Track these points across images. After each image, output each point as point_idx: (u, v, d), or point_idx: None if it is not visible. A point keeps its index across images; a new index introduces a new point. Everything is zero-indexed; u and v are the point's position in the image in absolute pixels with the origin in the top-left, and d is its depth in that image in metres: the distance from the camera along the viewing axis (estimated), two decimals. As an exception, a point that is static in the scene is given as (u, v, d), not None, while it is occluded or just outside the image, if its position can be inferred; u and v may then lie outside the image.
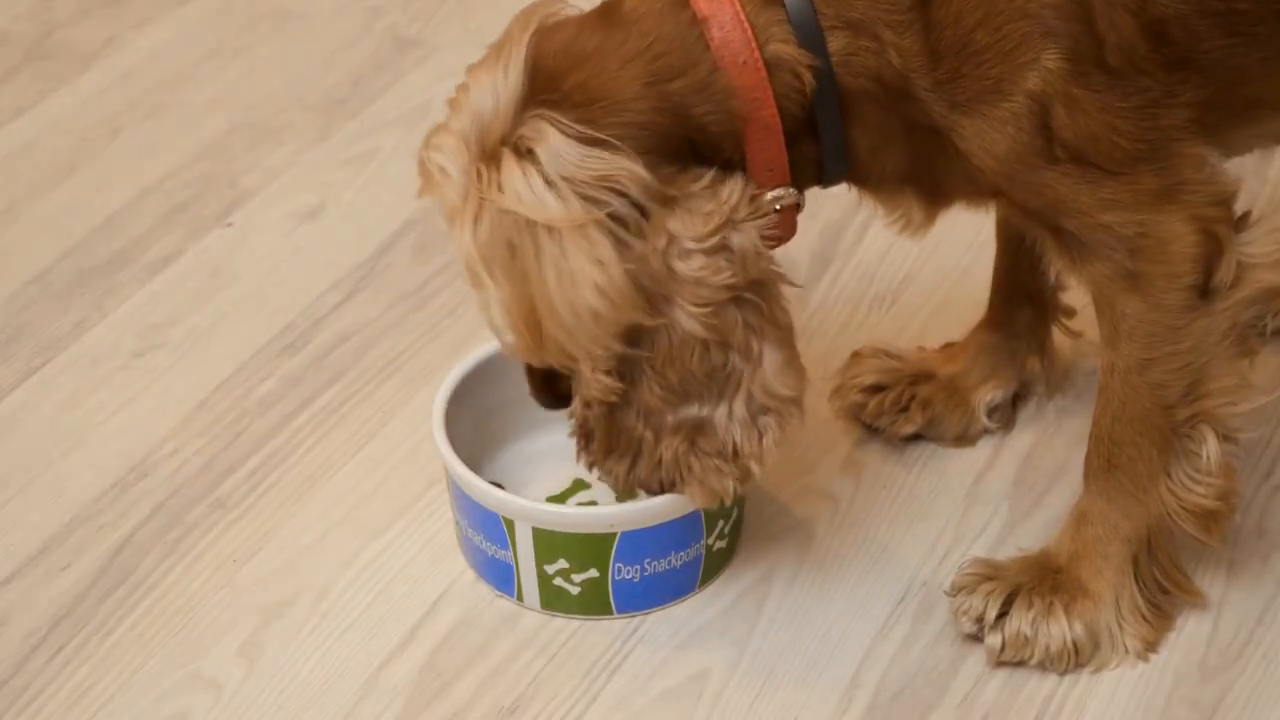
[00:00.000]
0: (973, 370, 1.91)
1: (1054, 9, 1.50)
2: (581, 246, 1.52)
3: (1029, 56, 1.51)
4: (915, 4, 1.52)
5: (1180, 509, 1.66)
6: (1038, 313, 1.90)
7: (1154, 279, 1.57)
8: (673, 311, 1.56)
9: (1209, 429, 1.63)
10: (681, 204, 1.55)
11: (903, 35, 1.53)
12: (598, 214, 1.51)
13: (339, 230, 2.23)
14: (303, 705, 1.69)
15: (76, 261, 2.19)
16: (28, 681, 1.71)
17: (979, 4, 1.51)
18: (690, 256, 1.55)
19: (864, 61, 1.55)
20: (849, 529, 1.83)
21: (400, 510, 1.87)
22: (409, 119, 2.40)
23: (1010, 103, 1.52)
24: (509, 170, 1.52)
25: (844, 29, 1.55)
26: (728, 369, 1.59)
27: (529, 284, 1.54)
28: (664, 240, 1.54)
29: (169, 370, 2.04)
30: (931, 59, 1.53)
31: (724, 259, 1.55)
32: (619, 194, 1.52)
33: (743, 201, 1.57)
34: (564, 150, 1.51)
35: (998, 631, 1.69)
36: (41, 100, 2.45)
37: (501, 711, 1.68)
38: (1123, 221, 1.56)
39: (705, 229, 1.55)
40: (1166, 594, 1.71)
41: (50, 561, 1.83)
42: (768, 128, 1.57)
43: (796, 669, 1.71)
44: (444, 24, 2.58)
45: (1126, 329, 1.60)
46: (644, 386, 1.59)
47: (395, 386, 2.01)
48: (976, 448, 1.91)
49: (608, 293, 1.53)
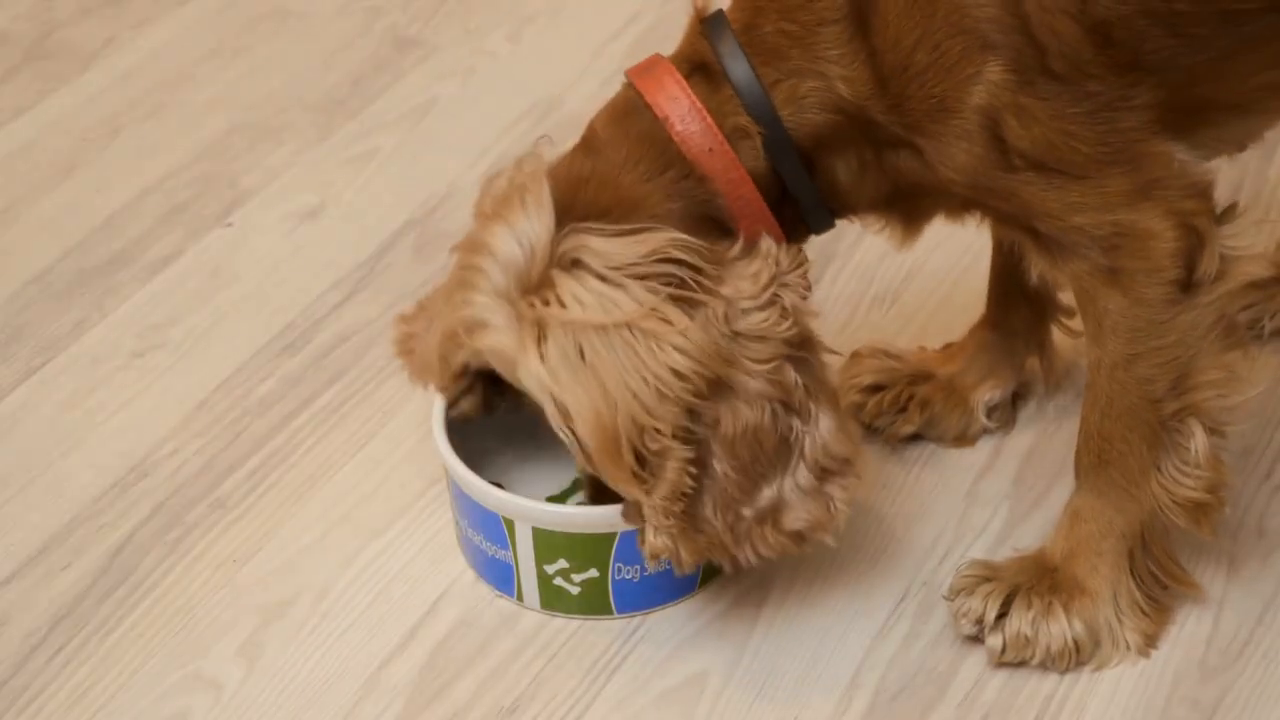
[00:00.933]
0: (971, 369, 1.91)
1: (990, 22, 1.50)
2: (652, 323, 1.54)
3: (970, 71, 1.52)
4: (852, 35, 1.54)
5: (1171, 502, 1.66)
6: (1035, 312, 1.90)
7: (1134, 275, 1.58)
8: (736, 378, 1.57)
9: (1196, 422, 1.63)
10: (725, 270, 1.58)
11: (847, 66, 1.55)
12: (658, 293, 1.54)
13: (339, 230, 2.23)
14: (303, 705, 1.69)
15: (76, 261, 2.19)
16: (28, 681, 1.72)
17: (915, 25, 1.52)
18: (749, 314, 1.57)
19: (816, 99, 1.58)
20: (849, 529, 1.83)
21: (400, 510, 1.87)
22: (409, 119, 2.40)
23: (959, 119, 1.53)
24: (563, 284, 1.55)
25: (786, 80, 1.58)
26: (793, 435, 1.60)
27: (602, 383, 1.55)
28: (721, 305, 1.57)
29: (169, 370, 2.04)
30: (879, 84, 1.55)
31: (778, 312, 1.58)
32: (673, 262, 1.56)
33: (783, 255, 1.60)
34: (607, 247, 1.55)
35: (998, 633, 1.69)
36: (41, 100, 2.45)
37: (501, 711, 1.68)
38: (1095, 223, 1.56)
39: (757, 287, 1.58)
40: (1164, 587, 1.72)
41: (50, 561, 1.83)
42: (750, 203, 1.61)
43: (796, 669, 1.71)
44: (444, 24, 2.58)
45: (1110, 325, 1.60)
46: (716, 472, 1.58)
47: (395, 386, 2.00)
48: (976, 447, 1.91)
49: (688, 350, 1.55)
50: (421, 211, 2.25)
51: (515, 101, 2.42)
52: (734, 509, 1.59)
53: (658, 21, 2.55)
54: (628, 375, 1.55)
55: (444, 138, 2.37)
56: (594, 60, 2.49)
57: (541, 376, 1.56)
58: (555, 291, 1.55)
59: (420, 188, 2.29)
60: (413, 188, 2.29)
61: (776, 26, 1.58)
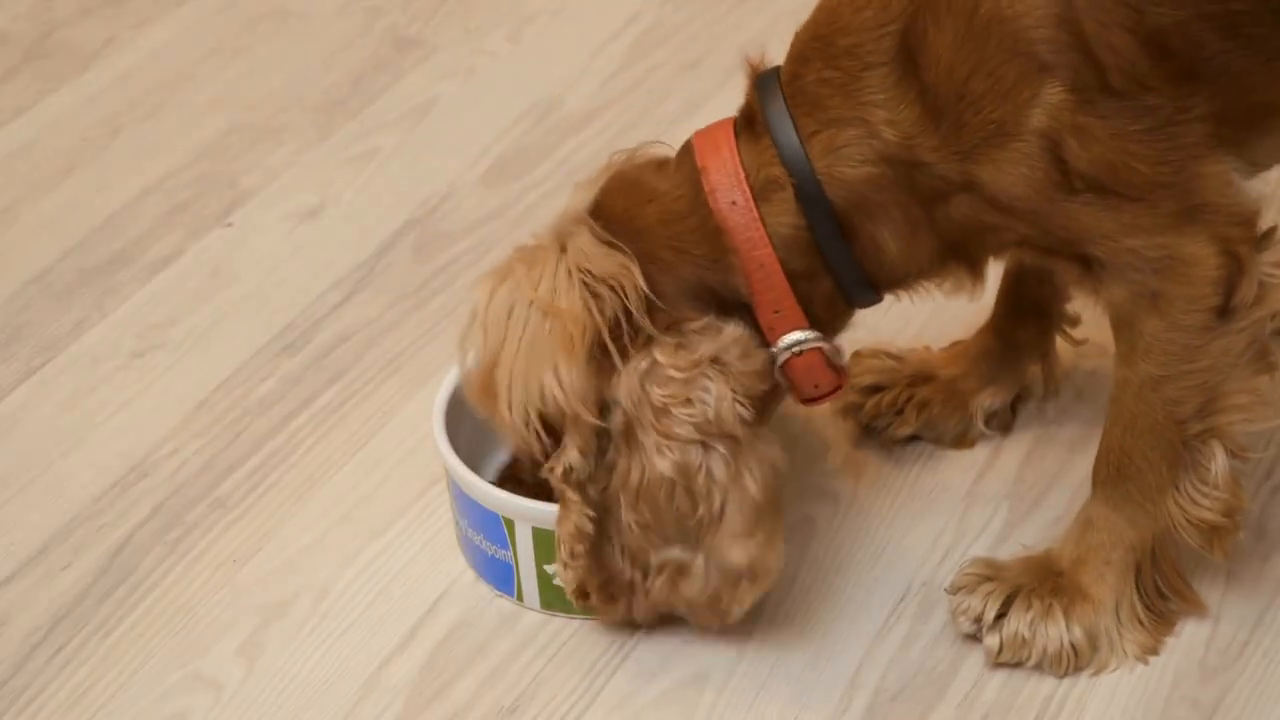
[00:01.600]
0: (973, 375, 1.91)
1: (1046, 43, 1.49)
2: (562, 333, 1.58)
3: (1028, 94, 1.50)
4: (902, 76, 1.53)
5: (1186, 521, 1.65)
6: (1043, 326, 1.90)
7: (1174, 300, 1.57)
8: (645, 439, 1.58)
9: (1219, 444, 1.63)
10: (676, 334, 1.59)
11: (894, 109, 1.54)
12: (591, 312, 1.57)
13: (339, 230, 2.23)
14: (303, 705, 1.69)
15: (76, 261, 2.19)
16: (28, 681, 1.72)
17: (968, 54, 1.51)
18: (665, 384, 1.58)
19: (855, 150, 1.56)
20: (849, 529, 1.83)
21: (400, 510, 1.87)
22: (409, 119, 2.40)
23: (1019, 143, 1.52)
24: (543, 256, 1.61)
25: (823, 130, 1.57)
26: (697, 517, 1.60)
27: (506, 346, 1.60)
28: (647, 362, 1.58)
29: (169, 370, 2.04)
30: (933, 118, 1.53)
31: (695, 395, 1.57)
32: (616, 294, 1.58)
33: (736, 346, 1.59)
34: (586, 246, 1.59)
35: (996, 632, 1.69)
36: (41, 100, 2.45)
37: (501, 711, 1.68)
38: (1147, 245, 1.55)
39: (687, 360, 1.57)
40: (1167, 602, 1.71)
41: (50, 561, 1.83)
42: (764, 266, 1.60)
43: (796, 669, 1.71)
44: (444, 24, 2.58)
45: (1144, 347, 1.60)
46: (621, 521, 1.61)
47: (395, 386, 2.01)
48: (977, 447, 1.91)
49: (563, 383, 1.58)
50: (421, 211, 2.25)
51: (515, 101, 2.42)
52: (642, 558, 1.63)
53: (658, 21, 2.55)
54: (521, 360, 1.59)
55: (444, 138, 2.37)
56: (594, 60, 2.49)
57: (477, 308, 1.63)
58: (532, 257, 1.62)
59: (420, 188, 2.29)
60: (413, 188, 2.29)
61: (818, 75, 1.57)
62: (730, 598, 1.62)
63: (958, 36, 1.51)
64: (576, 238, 1.61)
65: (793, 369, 1.65)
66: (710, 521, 1.59)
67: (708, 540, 1.60)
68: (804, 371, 1.65)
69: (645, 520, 1.61)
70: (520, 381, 1.60)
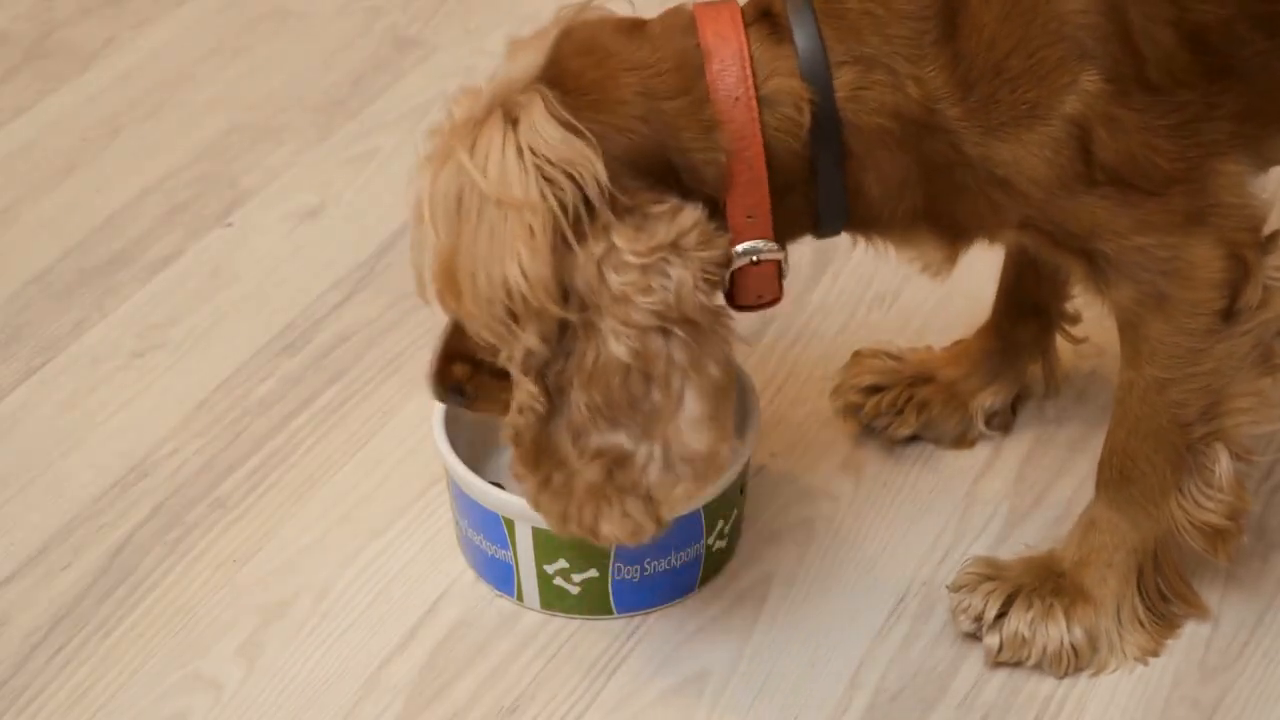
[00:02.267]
0: (973, 376, 1.90)
1: (1090, 29, 1.48)
2: (520, 223, 1.50)
3: (1066, 79, 1.49)
4: (940, 37, 1.50)
5: (1189, 524, 1.65)
6: (1042, 325, 1.90)
7: (1179, 303, 1.56)
8: (601, 324, 1.52)
9: (1223, 447, 1.63)
10: (635, 218, 1.52)
11: (923, 67, 1.51)
12: (548, 200, 1.50)
13: (339, 230, 2.23)
14: (303, 705, 1.69)
15: (76, 261, 2.19)
16: (28, 681, 1.72)
17: (1012, 30, 1.49)
18: (624, 270, 1.51)
19: (877, 96, 1.53)
20: (849, 529, 1.83)
21: (400, 510, 1.87)
22: (409, 119, 2.40)
23: (1048, 127, 1.50)
24: (487, 132, 1.52)
25: (853, 64, 1.53)
26: (650, 403, 1.54)
27: (462, 240, 1.53)
28: (603, 247, 1.51)
29: (169, 370, 2.04)
30: (962, 87, 1.51)
31: (656, 282, 1.51)
32: (575, 184, 1.50)
33: (695, 231, 1.53)
34: (541, 125, 1.51)
35: (996, 631, 1.69)
36: (41, 100, 2.45)
37: (501, 711, 1.68)
38: (1157, 244, 1.54)
39: (646, 245, 1.51)
40: (1169, 604, 1.71)
41: (50, 561, 1.83)
42: (752, 169, 1.54)
43: (796, 669, 1.71)
44: (444, 24, 2.58)
45: (1149, 350, 1.59)
46: (571, 401, 1.55)
47: (395, 386, 2.01)
48: (977, 447, 1.91)
49: (528, 275, 1.50)
50: (421, 211, 2.25)
51: (515, 101, 2.42)
52: (584, 439, 1.56)
53: (658, 21, 2.55)
54: (480, 256, 1.52)
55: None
56: (594, 60, 2.49)
57: (423, 196, 1.56)
58: (477, 134, 1.53)
59: (420, 188, 2.29)
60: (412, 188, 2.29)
61: (862, 5, 1.52)
62: (668, 496, 1.55)
63: (1004, 10, 1.49)
64: (529, 112, 1.51)
65: (744, 275, 1.60)
66: (667, 409, 1.54)
67: (660, 429, 1.54)
68: (754, 281, 1.60)
69: (595, 404, 1.54)
70: (483, 275, 1.52)
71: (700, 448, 1.54)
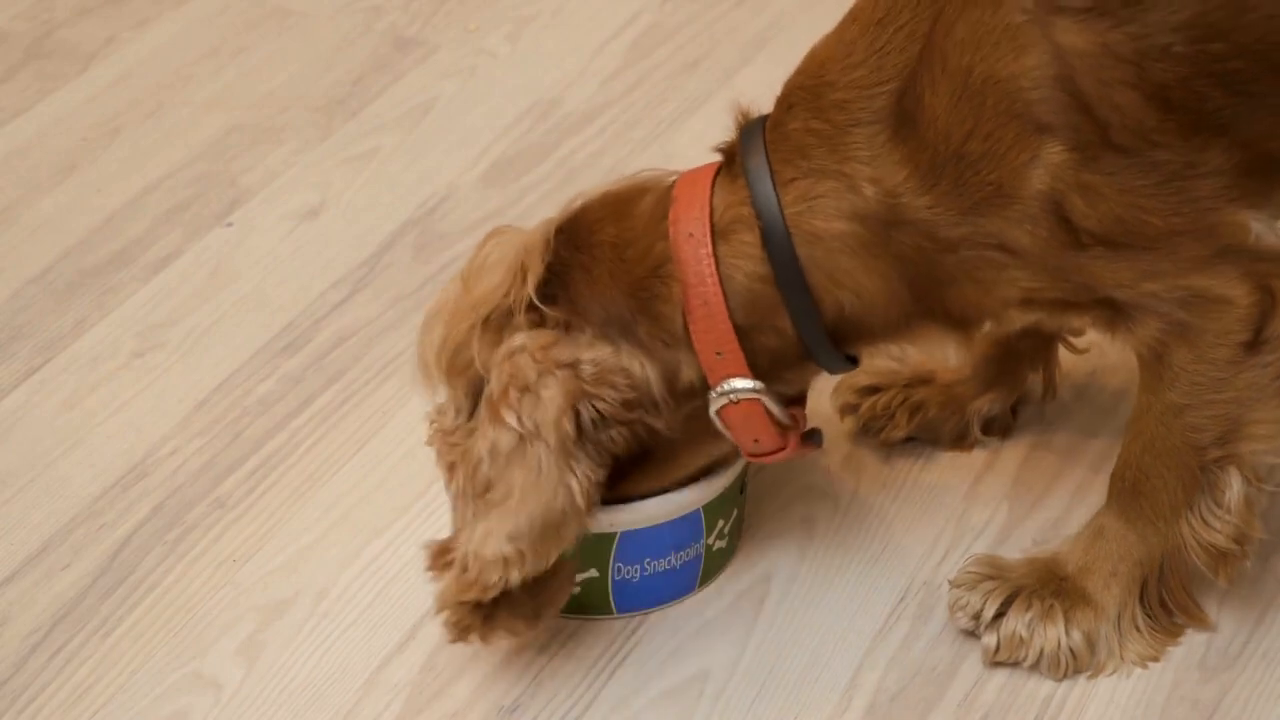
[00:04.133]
0: (972, 380, 1.90)
1: (1043, 103, 1.47)
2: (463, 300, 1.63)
3: (1026, 156, 1.48)
4: (893, 136, 1.51)
5: (1196, 544, 1.65)
6: (1044, 335, 1.89)
7: (1204, 334, 1.55)
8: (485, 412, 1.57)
9: (1236, 471, 1.62)
10: (557, 332, 1.57)
11: (879, 167, 1.52)
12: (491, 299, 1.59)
13: (339, 230, 2.23)
14: (303, 705, 1.69)
15: (76, 261, 2.19)
16: (28, 681, 1.72)
17: (964, 117, 1.48)
18: (516, 366, 1.55)
19: (831, 203, 1.54)
20: (849, 529, 1.83)
21: (400, 510, 1.87)
22: (409, 119, 2.40)
23: (1019, 205, 1.50)
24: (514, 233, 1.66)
25: (803, 179, 1.55)
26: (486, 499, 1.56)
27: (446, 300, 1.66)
28: (517, 341, 1.57)
29: (169, 370, 2.04)
30: (928, 176, 1.51)
31: (536, 387, 1.55)
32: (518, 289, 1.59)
33: (597, 366, 1.56)
34: (534, 233, 1.62)
35: (993, 631, 1.69)
36: (41, 100, 2.45)
37: (501, 711, 1.68)
38: (1168, 288, 1.53)
39: (543, 353, 1.55)
40: (1172, 616, 1.71)
41: (50, 561, 1.83)
42: (707, 304, 1.56)
43: (796, 669, 1.71)
44: (444, 24, 2.58)
45: (1170, 377, 1.59)
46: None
47: (395, 386, 2.01)
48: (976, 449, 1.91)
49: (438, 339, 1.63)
50: (421, 211, 2.25)
51: (515, 101, 2.42)
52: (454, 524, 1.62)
53: (657, 21, 2.55)
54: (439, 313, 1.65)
55: (444, 138, 2.37)
56: (594, 60, 2.49)
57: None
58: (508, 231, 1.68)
59: (420, 188, 2.29)
60: (413, 188, 2.29)
61: (804, 124, 1.55)
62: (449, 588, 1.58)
63: (953, 98, 1.48)
64: (543, 223, 1.63)
65: (728, 417, 1.61)
66: (490, 508, 1.55)
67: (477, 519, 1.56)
68: (741, 421, 1.61)
69: (460, 488, 1.58)
70: (426, 328, 1.65)
71: (485, 553, 1.55)
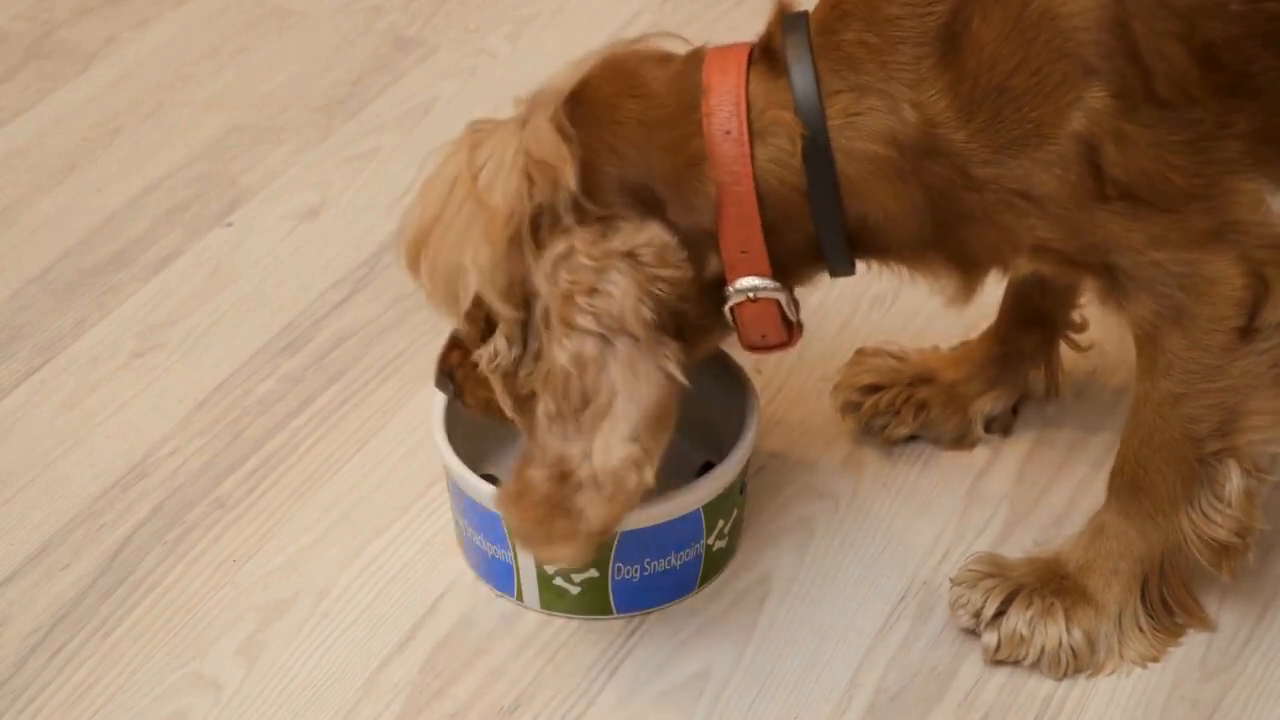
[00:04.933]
0: (975, 380, 1.90)
1: (1094, 45, 1.47)
2: (487, 222, 1.55)
3: (1071, 97, 1.48)
4: (939, 61, 1.50)
5: (1197, 538, 1.65)
6: (1047, 334, 1.89)
7: (1198, 318, 1.56)
8: (553, 327, 1.54)
9: (1235, 464, 1.62)
10: (599, 225, 1.54)
11: (922, 91, 1.51)
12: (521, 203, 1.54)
13: (339, 230, 2.23)
14: (303, 705, 1.69)
15: (76, 261, 2.19)
16: (28, 681, 1.72)
17: (1015, 49, 1.48)
18: (575, 270, 1.52)
19: (872, 123, 1.53)
20: (849, 528, 1.83)
21: (400, 510, 1.87)
22: (409, 119, 2.40)
23: (1055, 145, 1.50)
24: (501, 132, 1.60)
25: (848, 93, 1.53)
26: (589, 412, 1.53)
27: (438, 221, 1.59)
28: (562, 248, 1.53)
29: (169, 370, 2.04)
30: (966, 110, 1.50)
31: (603, 284, 1.52)
32: (553, 188, 1.54)
33: (653, 247, 1.54)
34: (539, 126, 1.56)
35: (994, 629, 1.69)
36: (41, 100, 2.45)
37: (501, 711, 1.68)
38: (1173, 259, 1.54)
39: (600, 249, 1.53)
40: (1173, 615, 1.71)
41: (50, 561, 1.83)
42: (742, 204, 1.55)
43: (796, 669, 1.71)
44: (444, 24, 2.58)
45: (1165, 364, 1.59)
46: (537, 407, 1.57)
47: (395, 386, 2.01)
48: (977, 448, 1.91)
49: (478, 267, 1.55)
50: (421, 211, 2.25)
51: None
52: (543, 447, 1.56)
53: (657, 21, 2.55)
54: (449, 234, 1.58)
55: (444, 138, 2.36)
56: (594, 60, 2.49)
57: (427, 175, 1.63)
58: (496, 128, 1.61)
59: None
60: (413, 188, 2.29)
61: (859, 36, 1.53)
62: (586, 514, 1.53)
63: (1005, 29, 1.48)
64: (536, 118, 1.57)
65: (743, 313, 1.60)
66: (595, 420, 1.53)
67: (589, 440, 1.53)
68: (754, 319, 1.60)
69: (549, 409, 1.55)
70: (441, 261, 1.58)
71: (613, 465, 1.53)
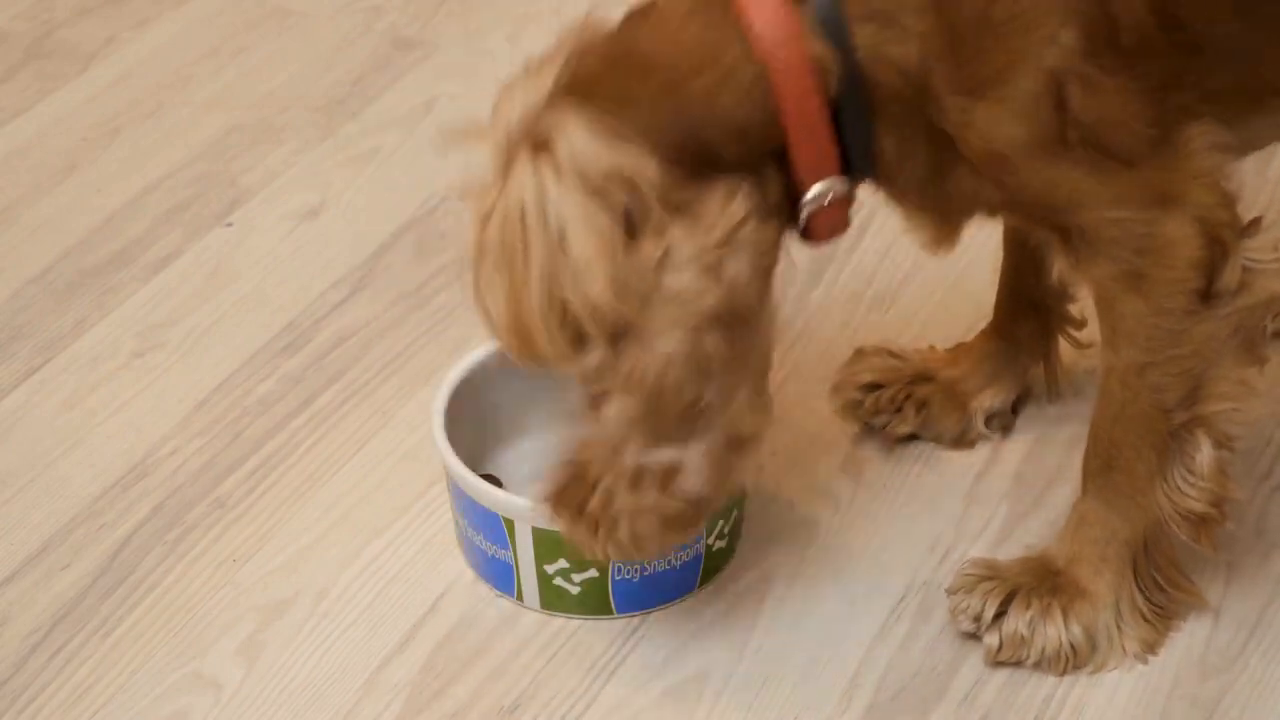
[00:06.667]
0: (974, 376, 1.90)
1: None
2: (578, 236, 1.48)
3: (1048, 31, 1.48)
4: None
5: (1174, 513, 1.65)
6: (1042, 324, 1.89)
7: (1156, 282, 1.56)
8: (653, 327, 1.50)
9: (1205, 434, 1.62)
10: (687, 214, 1.50)
11: (924, 18, 1.50)
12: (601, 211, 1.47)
13: (339, 230, 2.23)
14: (303, 705, 1.69)
15: (76, 261, 2.19)
16: (28, 681, 1.72)
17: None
18: (681, 270, 1.49)
19: (890, 52, 1.51)
20: (849, 529, 1.83)
21: (400, 510, 1.87)
22: (409, 119, 2.40)
23: (1027, 81, 1.49)
24: (520, 169, 1.50)
25: (870, 20, 1.51)
26: (703, 402, 1.53)
27: (518, 280, 1.50)
28: (660, 249, 1.49)
29: (169, 370, 2.04)
30: (953, 41, 1.50)
31: (710, 279, 1.50)
32: (630, 189, 1.48)
33: (748, 218, 1.51)
34: (579, 141, 1.48)
35: (995, 631, 1.69)
36: (41, 100, 2.45)
37: (501, 711, 1.68)
38: (1132, 219, 1.54)
39: (701, 244, 1.49)
40: (1167, 595, 1.71)
41: (50, 561, 1.83)
42: (808, 111, 1.52)
43: (796, 669, 1.71)
44: (444, 24, 2.58)
45: (1126, 331, 1.60)
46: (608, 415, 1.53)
47: (395, 386, 2.01)
48: (977, 447, 1.91)
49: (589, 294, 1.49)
50: (421, 211, 2.25)
51: (515, 101, 2.42)
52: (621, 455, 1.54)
53: (658, 21, 2.55)
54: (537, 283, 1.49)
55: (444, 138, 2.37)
56: (594, 60, 2.49)
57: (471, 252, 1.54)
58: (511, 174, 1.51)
59: (420, 188, 2.29)
60: (413, 188, 2.29)
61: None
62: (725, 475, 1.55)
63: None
64: (563, 131, 1.48)
65: (820, 217, 1.58)
66: (720, 402, 1.53)
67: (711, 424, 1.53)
68: (829, 220, 1.58)
69: (638, 414, 1.53)
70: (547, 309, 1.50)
71: (750, 430, 1.56)
